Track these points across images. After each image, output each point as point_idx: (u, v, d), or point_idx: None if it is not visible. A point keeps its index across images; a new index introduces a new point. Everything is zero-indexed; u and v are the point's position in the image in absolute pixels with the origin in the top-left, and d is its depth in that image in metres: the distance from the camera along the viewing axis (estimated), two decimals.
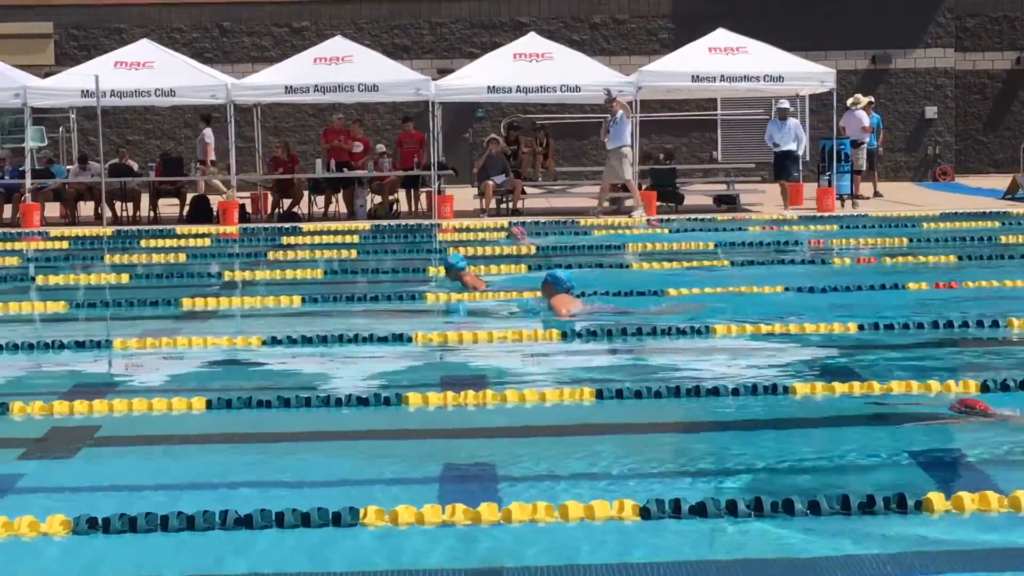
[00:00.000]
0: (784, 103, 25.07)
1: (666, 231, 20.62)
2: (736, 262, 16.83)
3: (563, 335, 11.13)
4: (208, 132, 27.03)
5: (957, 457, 7.37)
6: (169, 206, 25.43)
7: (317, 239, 20.50)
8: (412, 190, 25.41)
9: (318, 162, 25.42)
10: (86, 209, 25.07)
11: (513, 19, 32.70)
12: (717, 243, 18.54)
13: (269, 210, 25.15)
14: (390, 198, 24.69)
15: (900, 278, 14.40)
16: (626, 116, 23.38)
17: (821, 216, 23.09)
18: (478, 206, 24.73)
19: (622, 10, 33.12)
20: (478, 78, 24.35)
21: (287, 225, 22.86)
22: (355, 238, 20.73)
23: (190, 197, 24.83)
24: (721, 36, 25.00)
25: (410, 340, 11.13)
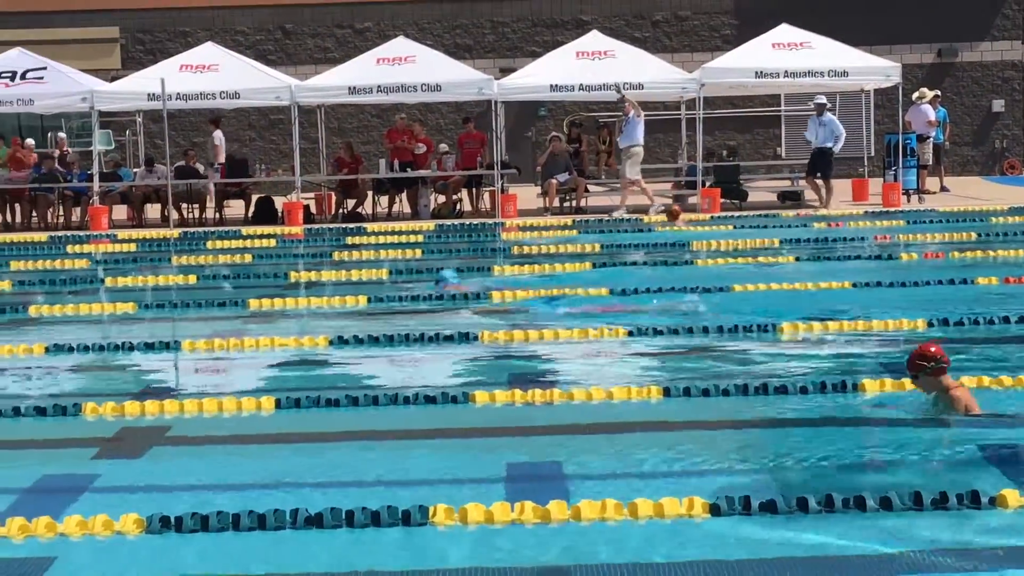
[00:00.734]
0: (821, 98, 24.68)
1: (730, 227, 20.51)
2: (801, 258, 16.74)
3: (628, 333, 11.14)
4: (218, 134, 27.11)
5: None
6: (234, 208, 25.64)
7: (381, 239, 20.58)
8: (475, 189, 25.44)
9: (382, 162, 25.50)
10: (153, 211, 25.32)
11: (575, 17, 32.66)
12: (781, 240, 18.43)
13: (333, 210, 25.27)
14: (454, 198, 24.74)
15: (968, 273, 14.26)
16: (637, 116, 23.33)
17: (887, 211, 22.90)
18: (541, 204, 24.73)
19: (684, 7, 32.98)
20: (540, 77, 24.34)
21: (351, 225, 22.95)
22: (419, 238, 20.79)
23: (255, 198, 25.00)
24: (785, 31, 24.85)
25: (476, 339, 11.16)
